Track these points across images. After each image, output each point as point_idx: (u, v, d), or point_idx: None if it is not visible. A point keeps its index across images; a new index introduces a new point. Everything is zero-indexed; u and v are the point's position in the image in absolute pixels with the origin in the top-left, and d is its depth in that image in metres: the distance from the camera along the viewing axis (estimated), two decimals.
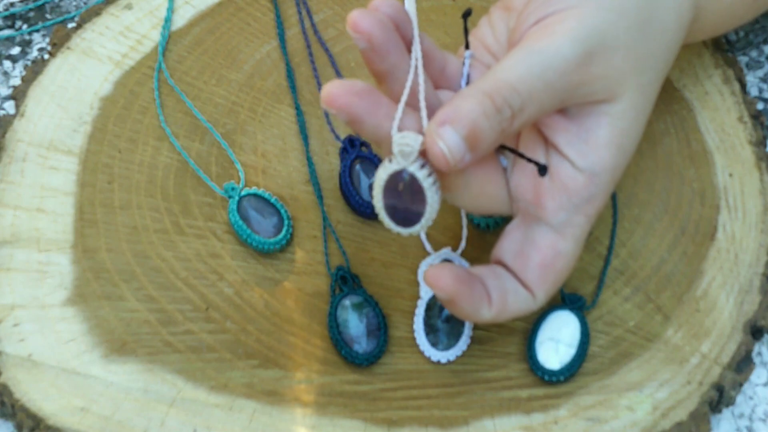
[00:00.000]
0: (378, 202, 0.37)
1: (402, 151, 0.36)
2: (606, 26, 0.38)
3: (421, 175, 0.36)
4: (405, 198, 0.37)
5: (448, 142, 0.35)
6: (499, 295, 0.39)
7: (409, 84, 0.37)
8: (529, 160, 0.38)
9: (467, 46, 0.42)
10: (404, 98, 0.37)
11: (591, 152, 0.39)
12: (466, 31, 0.42)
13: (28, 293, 0.44)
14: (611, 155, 0.39)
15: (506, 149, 0.39)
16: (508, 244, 0.41)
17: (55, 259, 0.45)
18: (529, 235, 0.40)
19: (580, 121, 0.39)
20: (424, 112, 0.37)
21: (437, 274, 0.38)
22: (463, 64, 0.42)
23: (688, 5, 0.42)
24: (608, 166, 0.39)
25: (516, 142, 0.41)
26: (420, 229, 0.37)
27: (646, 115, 0.41)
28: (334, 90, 0.35)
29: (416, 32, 0.38)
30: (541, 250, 0.40)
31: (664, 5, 0.41)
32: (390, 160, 0.36)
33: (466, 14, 0.41)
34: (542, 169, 0.38)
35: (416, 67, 0.37)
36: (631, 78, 0.39)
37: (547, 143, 0.40)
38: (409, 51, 0.38)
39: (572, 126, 0.39)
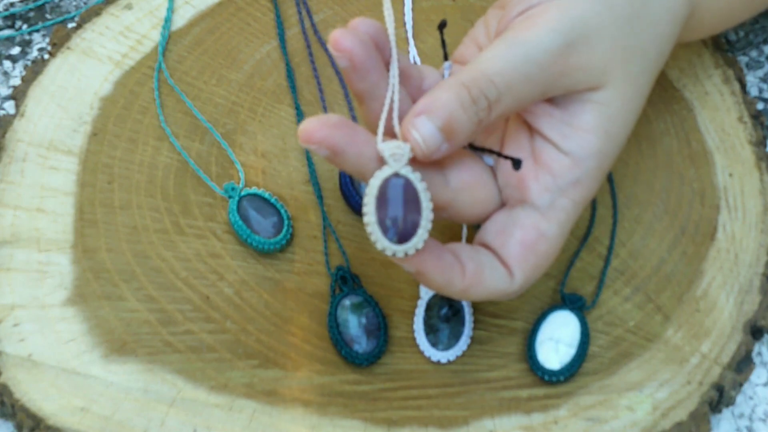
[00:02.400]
0: (370, 216, 0.35)
1: (394, 155, 0.36)
2: (590, 17, 0.38)
3: (414, 177, 0.36)
4: (399, 207, 0.36)
5: (422, 132, 0.35)
6: (474, 266, 0.38)
7: (389, 96, 0.37)
8: (504, 156, 0.38)
9: (446, 57, 0.42)
10: (386, 109, 0.37)
11: (575, 135, 0.39)
12: (443, 43, 0.42)
13: (28, 293, 0.44)
14: (596, 140, 0.39)
15: (478, 150, 0.39)
16: (491, 225, 0.40)
17: (55, 259, 0.45)
18: (512, 216, 0.39)
19: (564, 107, 0.39)
20: (396, 123, 0.37)
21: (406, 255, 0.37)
22: (443, 75, 0.42)
23: (682, 0, 0.42)
24: (594, 150, 0.39)
25: (503, 130, 0.42)
26: (417, 242, 0.36)
27: (637, 105, 0.41)
28: (310, 126, 0.35)
29: (393, 39, 0.38)
30: (524, 228, 0.39)
31: None
32: (381, 169, 0.36)
33: (441, 26, 0.41)
34: (516, 163, 0.38)
35: (395, 77, 0.38)
36: (618, 68, 0.39)
37: (532, 131, 0.40)
38: (389, 70, 0.38)
39: (556, 111, 0.39)
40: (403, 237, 0.36)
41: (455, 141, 0.36)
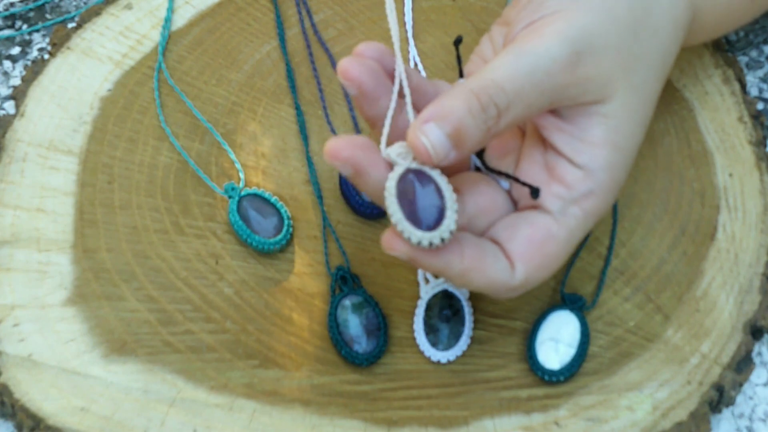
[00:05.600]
0: (397, 215, 0.35)
1: (400, 154, 0.36)
2: (595, 28, 0.38)
3: (426, 167, 0.36)
4: (421, 196, 0.36)
5: (431, 138, 0.35)
6: (474, 252, 0.38)
7: (392, 106, 0.37)
8: (522, 183, 0.39)
9: (461, 75, 0.42)
10: (389, 119, 0.37)
11: (586, 150, 0.39)
12: (459, 60, 0.42)
13: (28, 293, 0.44)
14: (606, 153, 0.39)
15: (500, 174, 0.40)
16: (501, 222, 0.40)
17: (55, 259, 0.45)
18: (524, 216, 0.39)
19: (573, 122, 0.39)
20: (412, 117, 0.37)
21: (390, 239, 0.36)
22: None
23: (683, 6, 0.42)
24: (604, 164, 0.39)
25: (520, 143, 0.42)
26: (450, 224, 0.35)
27: (643, 115, 0.41)
28: (337, 144, 0.36)
29: (399, 58, 0.38)
30: (534, 226, 0.39)
31: (657, 6, 0.41)
32: (393, 171, 0.36)
33: (457, 42, 0.41)
34: (534, 192, 0.38)
35: (406, 90, 0.38)
36: (622, 79, 0.39)
37: (546, 144, 0.40)
38: (399, 93, 0.38)
39: (567, 126, 0.39)
40: (433, 224, 0.36)
41: (463, 149, 0.36)
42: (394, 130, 0.38)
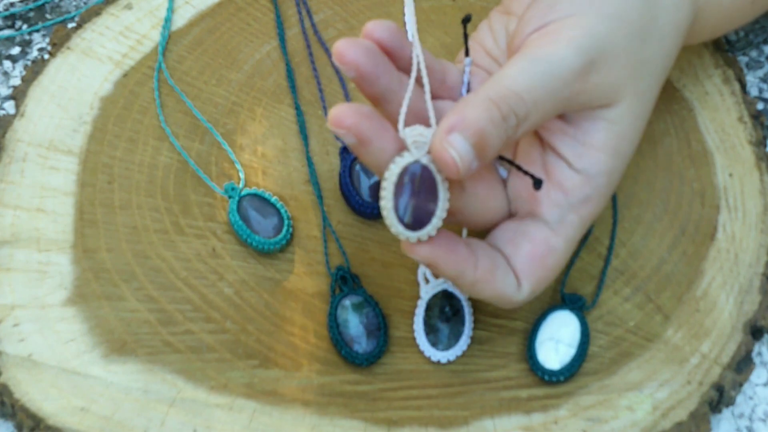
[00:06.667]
0: (387, 202, 0.36)
1: (416, 142, 0.36)
2: (608, 35, 0.38)
3: (434, 167, 0.36)
4: (416, 195, 0.36)
5: (458, 149, 0.35)
6: (488, 264, 0.38)
7: (410, 90, 0.37)
8: (526, 173, 0.38)
9: (467, 53, 0.42)
10: (407, 99, 0.37)
11: (587, 154, 0.39)
12: (465, 38, 0.42)
13: (28, 293, 0.44)
14: (607, 158, 0.39)
15: (504, 161, 0.40)
16: (500, 233, 0.40)
17: (55, 259, 0.45)
18: (522, 228, 0.40)
19: (577, 125, 0.39)
20: (432, 113, 0.37)
21: (410, 244, 0.37)
22: (463, 72, 0.42)
23: (687, 11, 0.42)
24: (604, 169, 0.39)
25: (514, 144, 0.42)
26: (431, 230, 0.36)
27: (644, 120, 0.41)
28: (342, 111, 0.35)
29: (416, 40, 0.38)
30: (534, 241, 0.39)
31: (663, 11, 0.41)
32: (401, 155, 0.36)
33: (466, 20, 0.41)
34: (537, 183, 0.38)
35: (419, 74, 0.37)
36: (629, 84, 0.39)
37: (544, 145, 0.40)
38: (406, 69, 0.38)
39: (570, 129, 0.39)
40: (418, 224, 0.36)
41: (485, 158, 0.36)
42: (398, 109, 0.37)
